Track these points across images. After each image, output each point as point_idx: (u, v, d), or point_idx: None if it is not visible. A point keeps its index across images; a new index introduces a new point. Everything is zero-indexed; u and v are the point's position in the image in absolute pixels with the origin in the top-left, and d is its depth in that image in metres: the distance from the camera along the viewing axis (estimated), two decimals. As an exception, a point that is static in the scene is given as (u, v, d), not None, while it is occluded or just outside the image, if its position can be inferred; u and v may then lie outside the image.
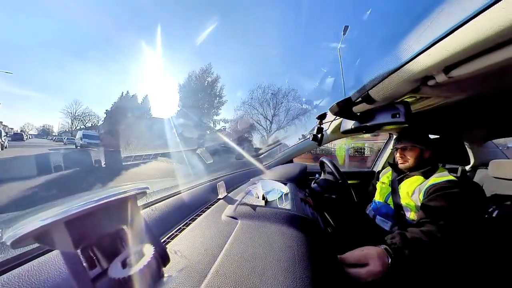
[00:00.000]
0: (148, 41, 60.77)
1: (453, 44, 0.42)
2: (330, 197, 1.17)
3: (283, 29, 49.00)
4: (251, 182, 1.09)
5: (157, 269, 0.33)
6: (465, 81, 0.55)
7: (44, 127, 47.58)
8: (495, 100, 0.83)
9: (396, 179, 1.11)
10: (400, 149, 1.10)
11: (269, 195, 0.82)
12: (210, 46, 48.63)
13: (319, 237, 0.59)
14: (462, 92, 0.71)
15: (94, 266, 0.28)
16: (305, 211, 0.71)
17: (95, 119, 31.92)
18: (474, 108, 0.96)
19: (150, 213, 0.58)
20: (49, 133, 43.72)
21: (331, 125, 1.53)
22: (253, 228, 0.54)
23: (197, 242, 0.48)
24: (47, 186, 5.14)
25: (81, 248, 0.27)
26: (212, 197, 0.82)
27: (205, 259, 0.41)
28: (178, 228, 0.56)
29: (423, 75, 0.54)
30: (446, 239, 0.72)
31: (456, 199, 0.83)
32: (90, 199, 0.27)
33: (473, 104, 0.89)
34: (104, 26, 64.88)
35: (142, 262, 0.29)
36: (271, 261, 0.41)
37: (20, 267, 0.33)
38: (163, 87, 20.03)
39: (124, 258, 0.30)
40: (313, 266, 0.42)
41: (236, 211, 0.63)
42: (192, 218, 0.63)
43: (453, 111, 1.00)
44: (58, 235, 0.24)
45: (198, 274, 0.37)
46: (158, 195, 0.72)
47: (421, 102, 0.86)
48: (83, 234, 0.27)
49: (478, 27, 0.36)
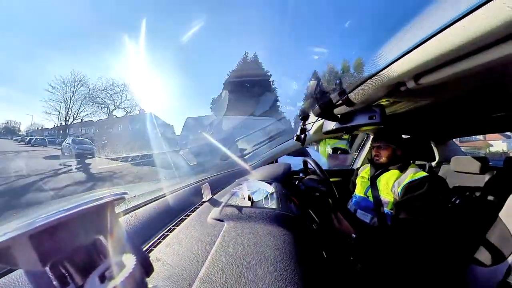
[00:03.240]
0: (130, 35, 56.82)
1: (422, 55, 0.46)
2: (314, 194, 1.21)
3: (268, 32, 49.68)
4: (237, 183, 1.08)
5: (140, 280, 0.31)
6: (432, 87, 0.61)
7: (7, 123, 40.28)
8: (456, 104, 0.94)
9: (374, 174, 1.19)
10: (376, 148, 1.20)
11: (254, 195, 0.82)
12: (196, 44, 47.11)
13: (305, 234, 0.61)
14: (429, 97, 0.79)
15: (66, 284, 0.25)
16: (290, 210, 0.73)
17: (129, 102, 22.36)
18: (439, 111, 1.08)
19: (130, 220, 0.55)
20: (14, 132, 37.70)
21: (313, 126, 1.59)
22: (240, 230, 0.54)
23: (182, 248, 0.46)
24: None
25: (50, 265, 0.24)
26: (196, 200, 0.80)
27: (191, 265, 0.40)
28: (161, 235, 0.53)
29: (396, 81, 0.59)
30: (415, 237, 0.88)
31: (429, 196, 0.95)
32: (60, 207, 0.24)
33: (438, 108, 1.00)
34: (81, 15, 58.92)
35: (123, 274, 0.27)
36: (260, 261, 0.41)
37: None
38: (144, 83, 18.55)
39: (102, 271, 0.27)
40: (301, 262, 0.44)
41: (222, 213, 0.62)
42: (176, 223, 0.61)
43: (421, 113, 1.11)
44: (21, 252, 0.21)
45: (185, 282, 0.35)
46: (138, 200, 0.68)
47: (394, 106, 0.93)
48: (52, 249, 0.24)
49: (445, 40, 0.41)
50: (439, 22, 0.39)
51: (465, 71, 0.46)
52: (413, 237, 0.92)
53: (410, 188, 0.98)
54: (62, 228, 0.25)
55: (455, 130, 1.71)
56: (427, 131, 1.67)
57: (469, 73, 0.47)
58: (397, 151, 1.16)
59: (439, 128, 1.62)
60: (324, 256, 0.74)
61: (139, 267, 0.30)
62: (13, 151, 13.97)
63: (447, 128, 1.62)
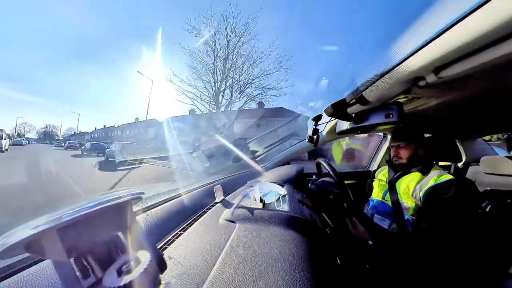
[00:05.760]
0: (147, 44, 60.30)
1: (442, 46, 0.43)
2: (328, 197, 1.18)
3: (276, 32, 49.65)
4: (248, 185, 1.09)
5: (154, 276, 0.32)
6: (454, 81, 0.56)
7: (46, 128, 42.74)
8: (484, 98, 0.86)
9: (393, 177, 1.12)
10: (395, 147, 1.13)
11: (266, 197, 0.81)
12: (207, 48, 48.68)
13: (318, 238, 0.59)
14: (452, 92, 0.73)
15: (88, 276, 0.27)
16: (303, 213, 0.71)
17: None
18: (464, 107, 0.99)
19: (145, 218, 0.57)
20: (52, 137, 40.86)
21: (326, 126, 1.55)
22: (251, 232, 0.54)
23: (195, 247, 0.48)
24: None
25: (74, 257, 0.26)
26: (209, 201, 0.82)
27: (202, 266, 0.41)
28: (174, 234, 0.55)
29: (414, 76, 0.56)
30: (438, 250, 0.81)
31: (456, 201, 0.87)
32: (83, 205, 0.26)
33: (463, 103, 0.92)
34: (103, 29, 64.08)
35: (138, 269, 0.28)
36: (270, 265, 0.40)
37: (8, 278, 0.31)
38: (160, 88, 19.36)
39: (120, 266, 0.29)
40: (313, 268, 0.42)
41: (233, 215, 0.62)
42: (189, 223, 0.62)
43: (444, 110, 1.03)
44: (50, 244, 0.23)
45: (196, 281, 0.36)
46: (153, 200, 0.71)
47: (413, 102, 0.88)
48: (76, 242, 0.26)
49: (466, 28, 0.38)
50: (463, 6, 0.36)
51: (497, 59, 0.42)
52: (438, 247, 0.84)
53: (434, 193, 0.91)
54: (85, 223, 0.27)
55: (484, 128, 1.56)
56: (452, 129, 1.54)
57: (500, 63, 0.43)
58: (419, 151, 1.08)
59: (465, 126, 1.49)
60: (338, 262, 0.71)
61: (153, 263, 0.32)
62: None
63: (475, 125, 1.48)
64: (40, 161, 9.99)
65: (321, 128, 1.56)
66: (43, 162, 9.43)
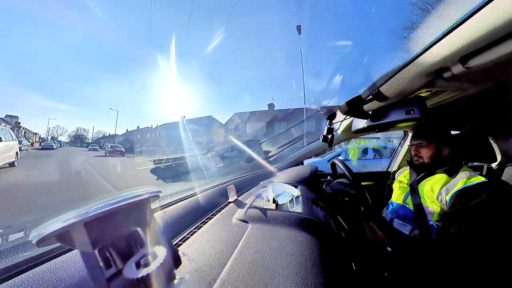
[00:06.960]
0: (162, 53, 63.61)
1: (469, 32, 0.39)
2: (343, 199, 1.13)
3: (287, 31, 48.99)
4: (261, 185, 1.09)
5: (169, 271, 0.34)
6: (484, 71, 0.51)
7: (77, 131, 46.87)
8: None
9: (416, 178, 1.05)
10: (415, 146, 1.05)
11: (279, 198, 0.81)
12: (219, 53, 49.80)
13: (332, 241, 0.57)
14: (482, 83, 0.66)
15: (110, 266, 0.29)
16: (316, 214, 0.69)
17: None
18: (497, 99, 0.89)
19: (162, 215, 0.60)
20: (82, 140, 44.61)
21: (341, 125, 1.49)
22: (264, 232, 0.53)
23: (208, 245, 0.49)
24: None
25: (98, 249, 0.28)
26: (222, 201, 0.83)
27: (214, 264, 0.41)
28: (189, 231, 0.57)
29: (438, 67, 0.52)
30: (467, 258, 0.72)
31: (489, 206, 0.77)
32: (107, 201, 0.28)
33: (495, 96, 0.83)
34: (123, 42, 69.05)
35: (155, 263, 0.30)
36: (281, 267, 0.40)
37: (44, 264, 0.35)
38: (177, 93, 20.31)
39: (138, 259, 0.31)
40: (326, 272, 0.41)
41: (246, 215, 0.63)
42: (203, 221, 0.64)
43: (473, 104, 0.94)
44: (78, 235, 0.25)
45: (208, 279, 0.37)
46: (170, 198, 0.74)
47: (437, 96, 0.81)
48: (100, 235, 0.28)
49: (496, 11, 0.34)
50: None
51: None
52: (466, 257, 0.75)
53: (463, 197, 0.81)
54: (109, 218, 0.29)
55: None
56: (484, 124, 1.38)
57: None
58: (443, 150, 0.99)
59: (499, 121, 1.33)
60: (354, 268, 0.68)
61: (169, 259, 0.33)
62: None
63: (511, 120, 1.32)
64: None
65: (335, 127, 1.51)
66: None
